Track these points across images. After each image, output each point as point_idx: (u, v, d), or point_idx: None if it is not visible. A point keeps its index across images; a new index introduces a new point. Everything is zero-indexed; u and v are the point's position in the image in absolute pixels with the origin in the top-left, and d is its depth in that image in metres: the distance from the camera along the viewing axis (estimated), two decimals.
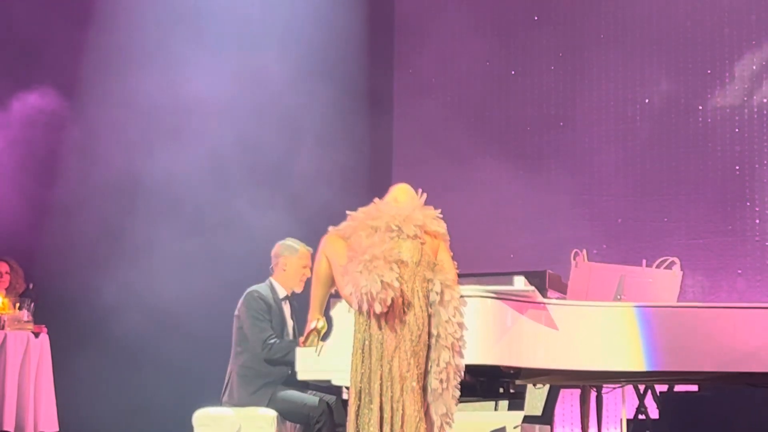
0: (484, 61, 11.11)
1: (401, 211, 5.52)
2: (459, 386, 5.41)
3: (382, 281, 5.28)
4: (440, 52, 11.28)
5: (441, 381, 5.38)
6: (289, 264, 7.12)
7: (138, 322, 10.13)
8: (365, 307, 5.33)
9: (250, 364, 6.95)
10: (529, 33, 11.03)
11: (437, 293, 5.42)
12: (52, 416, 8.94)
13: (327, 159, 10.74)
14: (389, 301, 5.30)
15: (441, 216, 5.56)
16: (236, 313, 7.08)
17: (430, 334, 5.40)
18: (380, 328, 5.36)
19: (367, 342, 5.39)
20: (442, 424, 5.39)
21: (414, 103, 11.31)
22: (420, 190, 5.63)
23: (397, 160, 11.22)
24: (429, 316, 5.40)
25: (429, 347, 5.40)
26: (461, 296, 5.46)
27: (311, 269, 7.07)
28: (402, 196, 5.70)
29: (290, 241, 7.20)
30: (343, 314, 6.07)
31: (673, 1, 10.59)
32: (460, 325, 5.43)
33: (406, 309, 5.37)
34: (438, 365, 5.38)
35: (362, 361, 5.39)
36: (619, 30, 10.80)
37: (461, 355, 5.43)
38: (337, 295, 5.73)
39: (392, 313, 5.35)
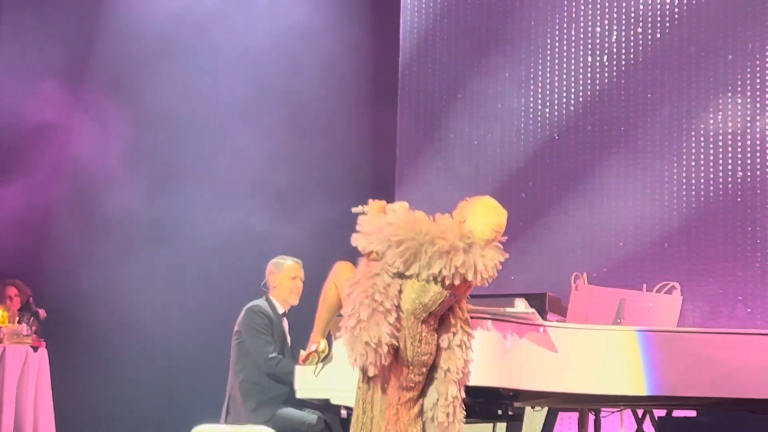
0: (487, 73, 11.13)
1: (454, 255, 5.16)
2: (464, 419, 5.37)
3: (367, 344, 5.13)
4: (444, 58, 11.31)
5: (448, 414, 5.31)
6: (277, 280, 7.21)
7: (137, 338, 10.14)
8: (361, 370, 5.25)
9: (252, 379, 6.96)
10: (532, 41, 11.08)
11: (455, 335, 5.36)
12: (51, 430, 8.94)
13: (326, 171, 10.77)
14: (383, 360, 5.17)
15: (502, 262, 5.30)
16: (236, 328, 7.10)
17: (437, 366, 5.34)
18: (382, 380, 5.25)
19: (369, 393, 5.28)
20: None
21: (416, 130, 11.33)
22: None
23: (400, 178, 11.22)
24: (438, 348, 5.34)
25: (434, 379, 5.35)
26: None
27: (302, 279, 7.18)
28: (475, 217, 5.35)
29: (278, 258, 7.29)
30: (342, 332, 6.06)
31: (676, 26, 10.62)
32: (467, 362, 5.41)
33: (410, 353, 5.28)
34: (446, 399, 5.31)
35: (364, 412, 5.30)
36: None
37: (465, 389, 5.41)
38: (339, 315, 5.71)
39: (394, 364, 5.26)
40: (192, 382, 9.82)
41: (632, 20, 10.74)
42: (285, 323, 7.21)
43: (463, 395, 5.37)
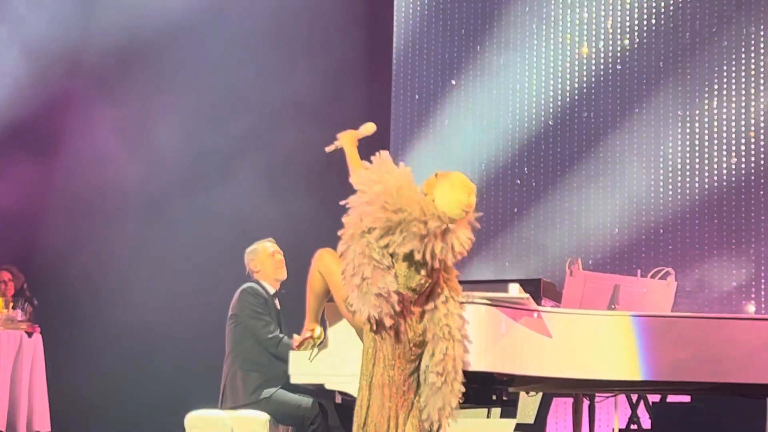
0: (482, 59, 11.13)
1: (433, 241, 5.15)
2: (463, 381, 5.30)
3: (378, 295, 5.12)
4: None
5: (438, 374, 5.25)
6: (259, 263, 7.20)
7: (132, 324, 10.14)
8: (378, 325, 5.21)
9: (254, 359, 6.95)
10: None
11: (439, 295, 5.35)
12: (45, 416, 8.94)
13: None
14: (395, 308, 5.17)
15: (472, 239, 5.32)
16: (231, 312, 7.08)
17: (426, 332, 5.33)
18: (383, 364, 5.25)
19: (371, 378, 5.27)
20: (440, 419, 5.28)
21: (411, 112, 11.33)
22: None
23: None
24: (424, 314, 5.33)
25: (425, 344, 5.31)
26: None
27: (281, 253, 7.17)
28: (444, 195, 5.30)
29: (252, 245, 7.29)
30: (336, 318, 6.07)
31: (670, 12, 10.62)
32: (460, 316, 5.37)
33: (409, 334, 5.29)
34: (433, 357, 5.27)
35: (369, 399, 5.27)
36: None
37: (464, 347, 5.35)
38: (331, 299, 5.71)
39: (391, 347, 5.26)
40: (187, 367, 9.83)
41: (627, 6, 10.74)
42: (277, 303, 7.22)
43: (460, 352, 5.34)
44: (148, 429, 9.74)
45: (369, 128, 5.82)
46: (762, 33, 10.30)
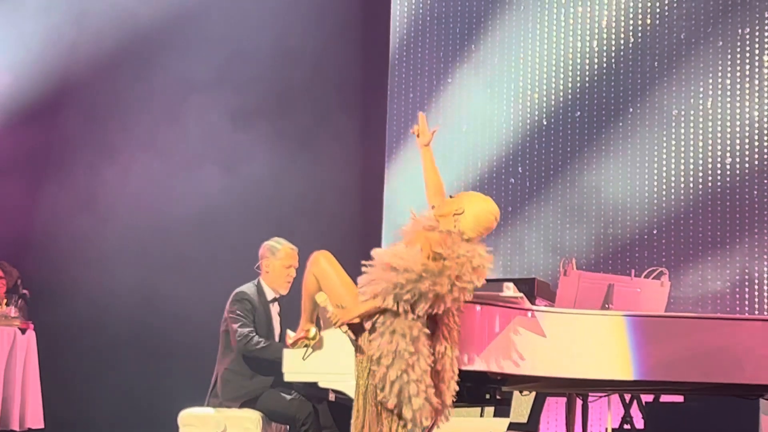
0: (476, 58, 11.12)
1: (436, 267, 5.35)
2: (457, 380, 5.40)
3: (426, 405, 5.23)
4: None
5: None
6: (271, 266, 7.08)
7: (125, 321, 10.14)
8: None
9: (236, 366, 6.94)
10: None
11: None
12: (38, 413, 8.93)
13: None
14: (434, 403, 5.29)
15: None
16: (224, 315, 7.07)
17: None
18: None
19: (371, 386, 5.32)
20: (433, 417, 5.33)
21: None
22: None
23: (389, 162, 11.21)
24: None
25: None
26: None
27: (296, 267, 7.10)
28: (477, 206, 5.52)
29: (273, 241, 7.15)
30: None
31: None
32: (458, 316, 5.45)
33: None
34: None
35: (364, 407, 5.33)
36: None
37: (458, 346, 5.45)
38: None
39: None
40: (181, 365, 9.83)
41: (622, 6, 10.74)
42: (274, 308, 7.14)
43: (457, 353, 5.41)
44: (141, 426, 9.75)
45: (421, 120, 5.86)
46: (756, 33, 10.31)
